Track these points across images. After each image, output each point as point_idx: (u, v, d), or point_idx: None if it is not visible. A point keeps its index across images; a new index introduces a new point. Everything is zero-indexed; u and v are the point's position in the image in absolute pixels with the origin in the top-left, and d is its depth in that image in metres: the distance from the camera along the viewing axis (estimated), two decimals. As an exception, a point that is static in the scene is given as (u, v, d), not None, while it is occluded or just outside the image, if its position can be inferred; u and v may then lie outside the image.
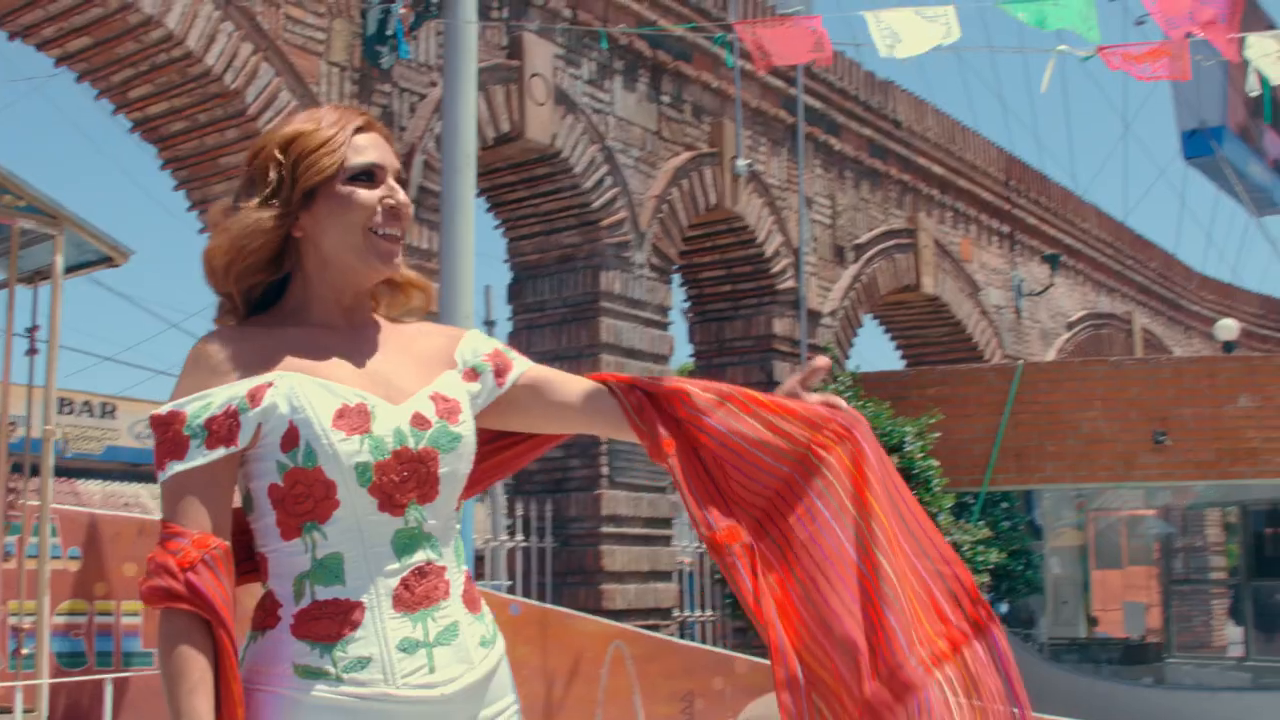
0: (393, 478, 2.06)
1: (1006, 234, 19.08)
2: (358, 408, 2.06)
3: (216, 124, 9.57)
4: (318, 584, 2.06)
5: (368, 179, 2.14)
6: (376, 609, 2.05)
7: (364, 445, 2.04)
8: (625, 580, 11.91)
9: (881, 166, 16.34)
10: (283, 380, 2.05)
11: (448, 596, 2.11)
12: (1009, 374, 13.20)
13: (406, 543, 2.08)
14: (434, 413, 2.12)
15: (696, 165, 13.24)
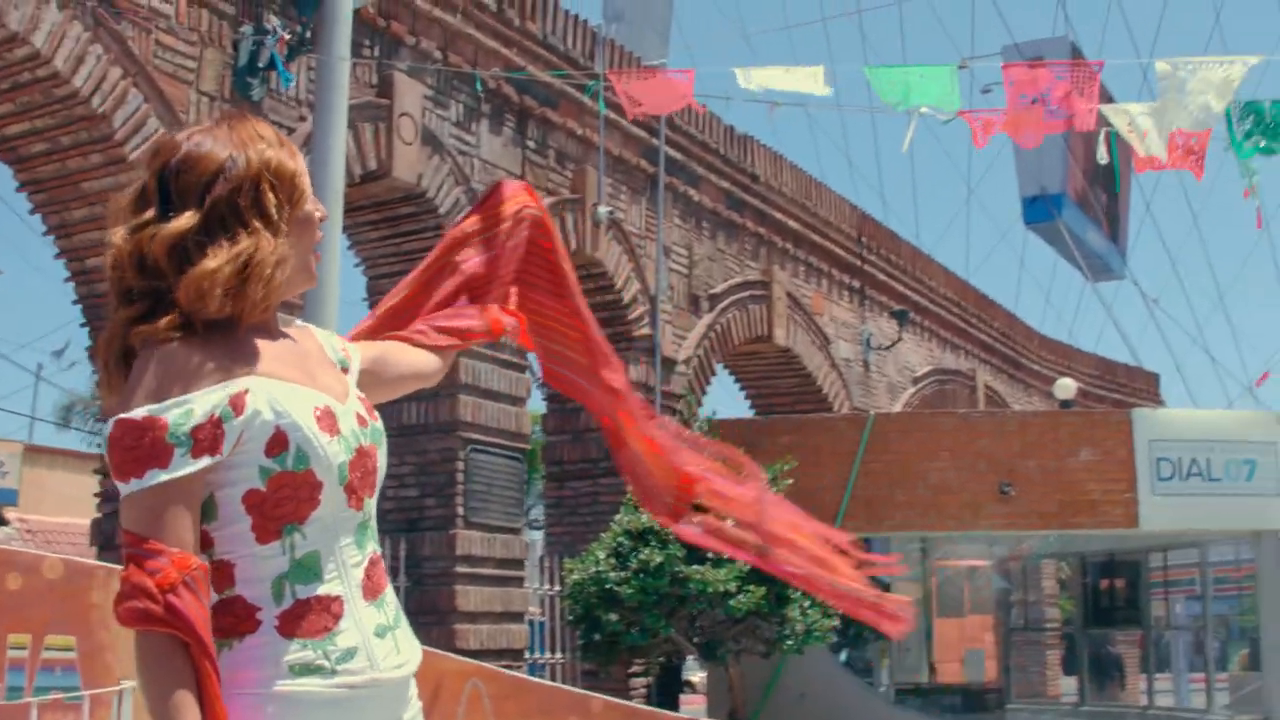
0: (357, 474, 2.13)
1: (857, 289, 19.53)
2: (326, 409, 2.11)
3: (80, 147, 9.42)
4: (298, 583, 2.08)
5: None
6: (352, 600, 2.12)
7: (340, 445, 2.10)
8: (479, 620, 11.88)
9: (738, 219, 16.63)
10: (258, 385, 2.05)
11: (389, 582, 2.23)
12: (860, 424, 13.51)
13: (362, 535, 2.16)
14: (366, 411, 2.21)
15: (559, 210, 13.36)
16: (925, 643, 17.05)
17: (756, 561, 2.77)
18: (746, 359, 18.10)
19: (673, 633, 11.36)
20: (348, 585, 2.12)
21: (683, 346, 15.35)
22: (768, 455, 12.65)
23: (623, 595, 11.04)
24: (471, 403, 12.13)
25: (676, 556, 11.02)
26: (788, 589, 11.46)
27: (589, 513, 14.27)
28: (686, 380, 15.22)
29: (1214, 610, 18.09)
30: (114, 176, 9.49)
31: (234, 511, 2.06)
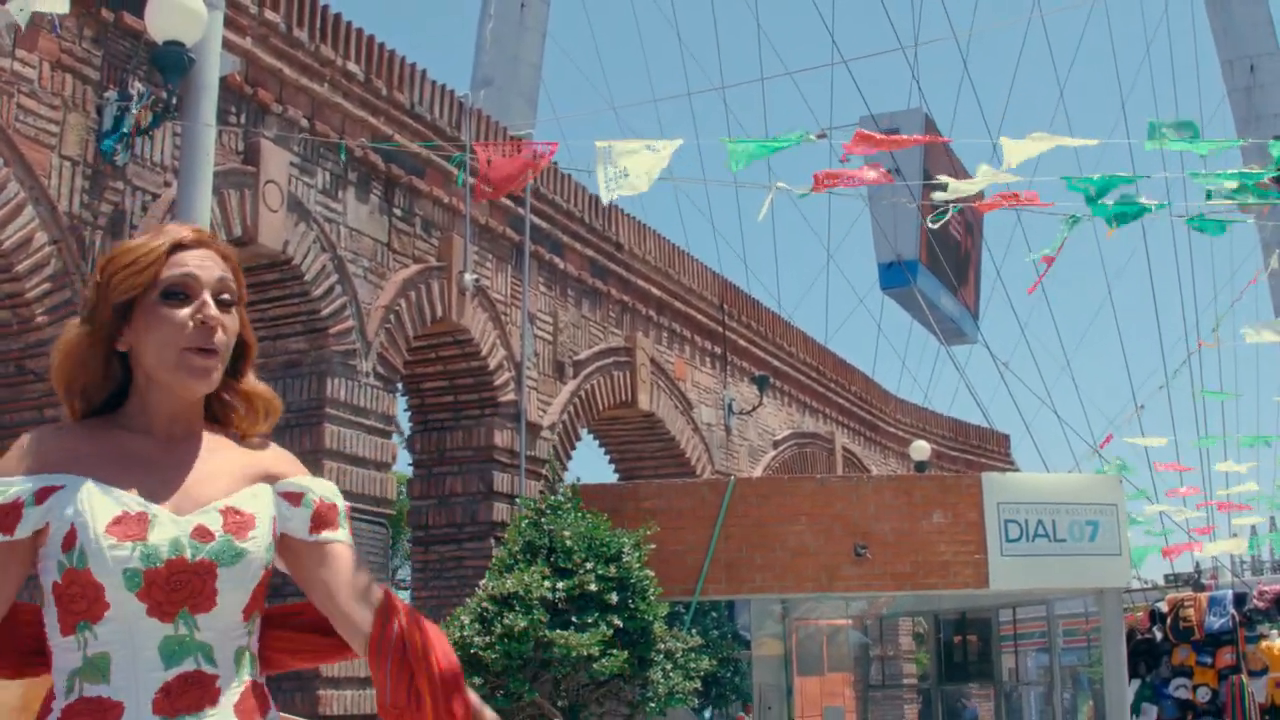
0: (163, 586, 2.11)
1: (719, 355, 19.87)
2: (138, 516, 2.12)
3: (-60, 213, 9.33)
4: (86, 681, 2.12)
5: (181, 296, 2.19)
6: (135, 711, 2.11)
7: (135, 552, 2.09)
8: (342, 686, 11.85)
9: (603, 286, 16.88)
10: (73, 484, 2.13)
11: (214, 705, 2.15)
12: (721, 489, 13.76)
13: (175, 649, 2.14)
14: (220, 526, 2.17)
15: (425, 278, 13.48)
16: (786, 700, 17.27)
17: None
18: (610, 424, 18.30)
19: (537, 697, 11.43)
20: (135, 695, 2.12)
21: (548, 412, 15.51)
22: (632, 519, 12.84)
23: (488, 660, 11.10)
24: (337, 468, 12.14)
25: (540, 621, 11.12)
26: (650, 651, 11.62)
27: (454, 576, 14.31)
28: (551, 445, 15.36)
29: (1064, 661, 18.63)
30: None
31: (49, 600, 2.15)
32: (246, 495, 2.24)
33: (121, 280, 2.20)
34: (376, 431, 12.73)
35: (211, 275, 2.23)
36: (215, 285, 2.23)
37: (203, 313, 2.18)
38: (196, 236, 2.27)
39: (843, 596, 15.05)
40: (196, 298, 2.19)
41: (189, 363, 2.19)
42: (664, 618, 12.03)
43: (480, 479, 14.51)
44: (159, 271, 2.20)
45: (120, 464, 2.18)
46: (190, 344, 2.18)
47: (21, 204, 9.51)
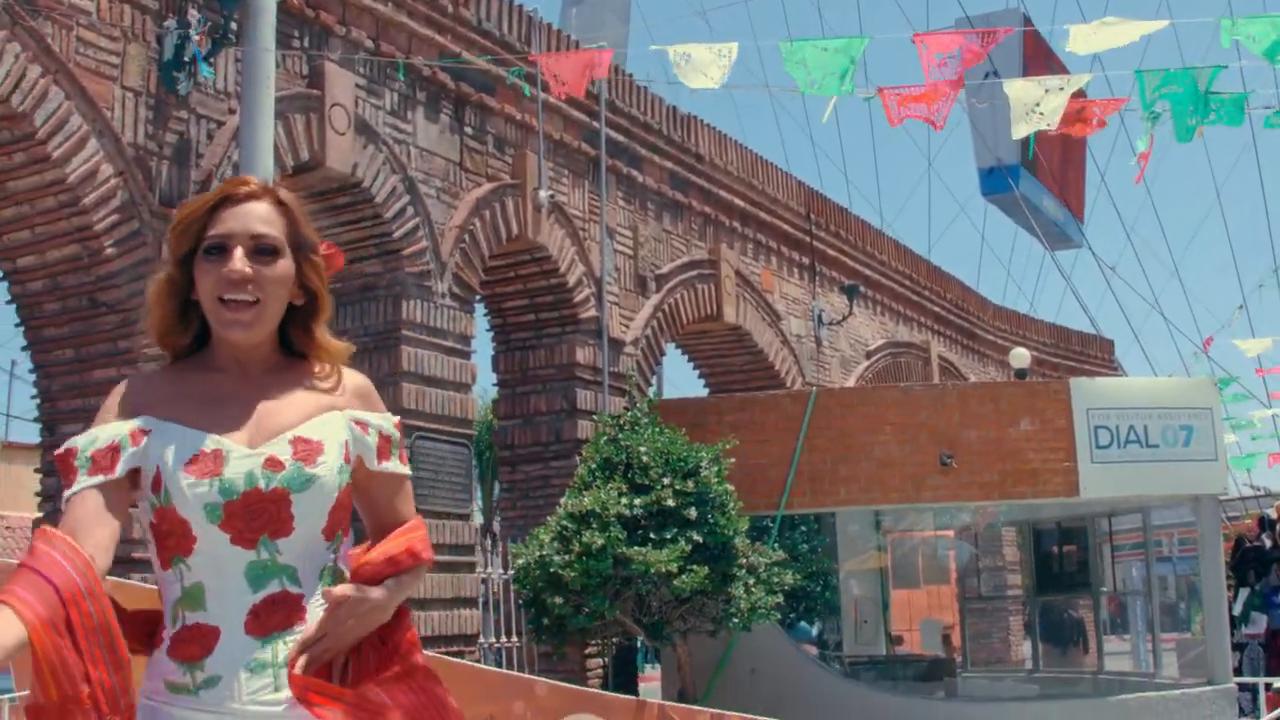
0: (242, 516, 2.31)
1: (807, 265, 19.59)
2: (213, 453, 2.33)
3: (3, 147, 9.37)
4: (186, 610, 2.34)
5: (219, 251, 2.39)
6: (230, 633, 2.32)
7: (212, 487, 2.31)
8: (429, 607, 11.92)
9: (683, 199, 16.66)
10: (159, 428, 2.35)
11: (303, 621, 2.35)
12: (804, 400, 13.56)
13: (260, 574, 2.34)
14: (290, 455, 2.36)
15: (499, 196, 13.38)
16: (882, 614, 17.17)
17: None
18: (697, 338, 18.15)
19: (618, 614, 11.41)
20: (229, 619, 2.33)
21: (630, 327, 15.39)
22: (713, 434, 12.71)
23: (567, 578, 11.09)
24: (415, 390, 12.16)
25: (618, 538, 11.07)
26: (731, 566, 11.53)
27: (540, 495, 14.32)
28: (635, 361, 15.26)
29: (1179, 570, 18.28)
30: (39, 175, 9.47)
31: (149, 539, 2.39)
32: (315, 424, 2.43)
33: (176, 239, 2.43)
34: (454, 352, 12.71)
35: (247, 229, 2.40)
36: (250, 239, 2.40)
37: (228, 266, 2.37)
38: (248, 190, 2.45)
39: (930, 506, 14.83)
40: (230, 251, 2.39)
41: (221, 315, 2.40)
42: (746, 532, 11.92)
43: (564, 397, 14.46)
44: (204, 229, 2.41)
45: (201, 403, 2.40)
46: (223, 294, 2.38)
47: (85, 137, 9.53)
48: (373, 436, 2.51)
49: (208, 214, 2.42)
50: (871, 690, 13.58)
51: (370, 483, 2.54)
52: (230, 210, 2.42)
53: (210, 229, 2.41)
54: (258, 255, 2.40)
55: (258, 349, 2.47)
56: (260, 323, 2.43)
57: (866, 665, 15.31)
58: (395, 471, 2.58)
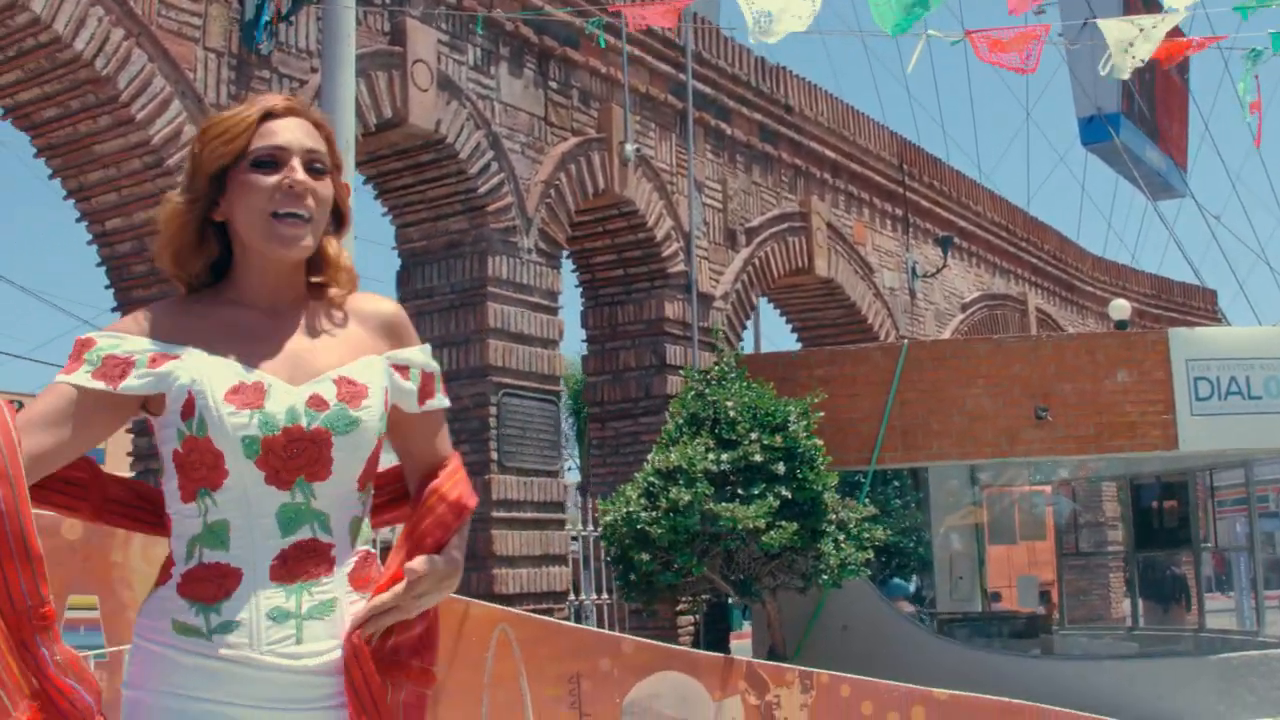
0: (280, 454, 2.15)
1: (900, 217, 19.30)
2: (254, 385, 2.17)
3: (89, 110, 9.45)
4: (205, 547, 2.17)
5: (270, 164, 2.21)
6: (253, 577, 2.16)
7: (253, 420, 2.14)
8: (517, 564, 11.94)
9: (773, 151, 16.46)
10: (188, 354, 2.18)
11: (330, 573, 2.20)
12: (894, 353, 13.36)
13: (292, 517, 2.18)
14: (334, 395, 2.21)
15: (584, 150, 13.28)
16: (978, 571, 16.95)
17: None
18: (788, 292, 17.97)
19: (706, 571, 11.34)
20: (253, 562, 2.17)
21: (720, 282, 15.25)
22: (803, 388, 12.57)
23: (654, 535, 11.03)
24: (502, 347, 12.14)
25: (705, 495, 10.98)
26: (820, 522, 11.41)
27: (630, 452, 14.26)
28: (725, 315, 15.13)
29: (1277, 528, 17.85)
30: (124, 138, 9.53)
31: (169, 468, 2.21)
32: (360, 365, 2.27)
33: (214, 149, 2.23)
34: (541, 308, 12.66)
35: (301, 143, 2.25)
36: (304, 153, 2.25)
37: (290, 177, 2.21)
38: (287, 105, 2.29)
39: (1024, 461, 14.55)
40: (285, 165, 2.22)
41: (277, 231, 2.21)
42: (836, 488, 11.78)
43: (652, 352, 14.38)
44: (250, 140, 2.22)
45: (230, 336, 2.23)
46: (279, 208, 2.21)
47: (168, 98, 9.56)
48: (414, 379, 2.34)
49: (254, 125, 2.24)
50: (965, 648, 13.40)
51: (409, 424, 2.35)
52: (279, 122, 2.26)
53: (255, 141, 2.23)
54: (310, 172, 2.25)
55: (291, 277, 2.30)
56: (310, 240, 2.26)
57: (960, 622, 15.12)
58: (438, 408, 2.38)
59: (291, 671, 2.15)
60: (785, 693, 10.53)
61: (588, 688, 9.77)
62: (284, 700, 2.15)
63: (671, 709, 10.17)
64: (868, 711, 10.55)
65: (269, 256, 2.25)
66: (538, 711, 9.57)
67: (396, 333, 2.37)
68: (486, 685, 9.73)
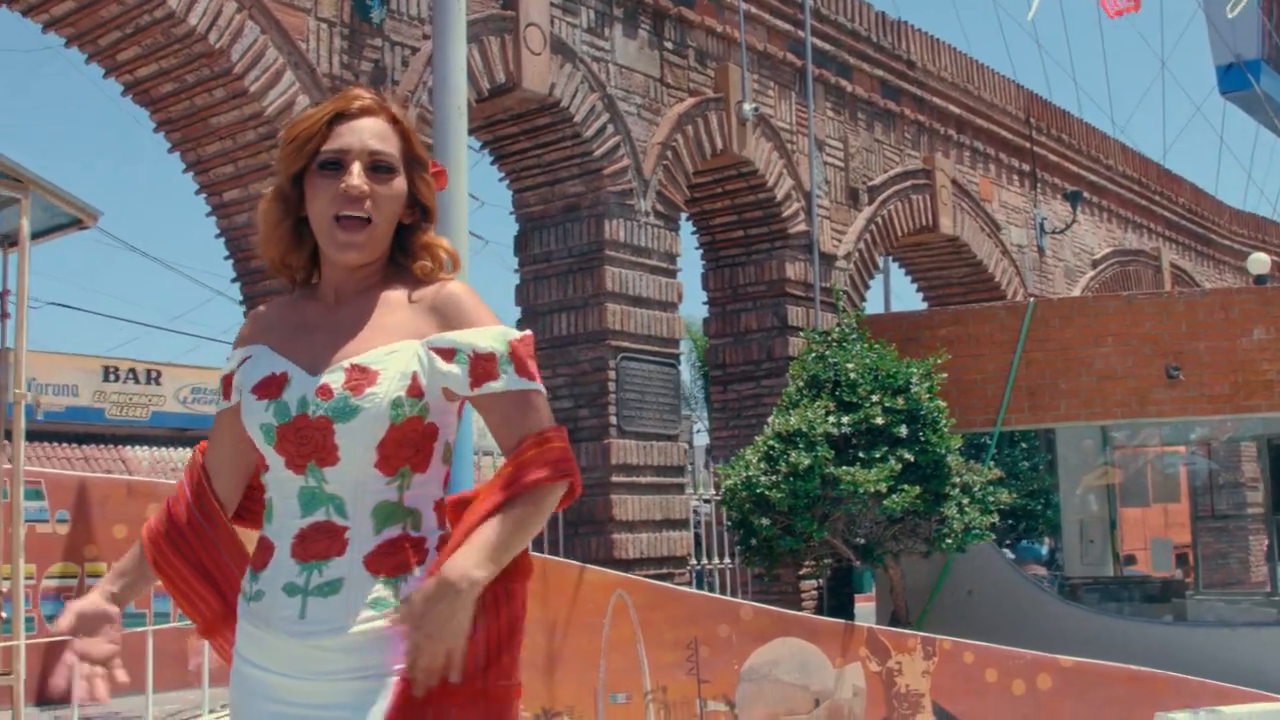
0: (292, 440, 2.30)
1: (1027, 172, 18.85)
2: (279, 376, 2.34)
3: (204, 84, 9.53)
4: (265, 521, 2.39)
5: (335, 166, 2.32)
6: (280, 552, 2.32)
7: (269, 410, 2.31)
8: (636, 529, 11.90)
9: (895, 107, 16.15)
10: (256, 353, 2.40)
11: (342, 555, 2.28)
12: (1020, 312, 13.05)
13: (308, 500, 2.31)
14: (341, 384, 2.28)
15: (701, 111, 13.13)
16: (1110, 534, 16.55)
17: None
18: (913, 251, 17.67)
19: (827, 536, 11.21)
20: (282, 539, 2.33)
21: (842, 241, 15.02)
22: (926, 349, 12.35)
23: (774, 499, 10.92)
24: (620, 310, 12.08)
25: (825, 458, 10.84)
26: (944, 485, 11.21)
27: (752, 415, 14.13)
28: (847, 275, 14.91)
29: None
30: (238, 110, 9.61)
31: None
32: (380, 353, 2.31)
33: (289, 154, 2.36)
34: (660, 271, 12.57)
35: (364, 145, 2.32)
36: (368, 155, 2.32)
37: (347, 182, 2.30)
38: (361, 105, 2.36)
39: (1155, 422, 14.15)
40: (347, 167, 2.31)
41: (334, 235, 2.33)
42: (959, 450, 11.56)
43: (774, 314, 14.22)
44: (319, 144, 2.33)
45: (292, 330, 2.40)
46: (339, 210, 2.31)
47: (281, 70, 9.61)
48: (460, 363, 2.31)
49: (323, 129, 2.34)
50: (1095, 613, 13.10)
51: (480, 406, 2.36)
52: (346, 125, 2.34)
53: (326, 144, 2.33)
54: (374, 172, 2.33)
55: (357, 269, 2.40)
56: (372, 243, 2.35)
57: (1091, 587, 14.79)
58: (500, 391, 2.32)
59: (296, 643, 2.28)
60: (907, 659, 10.43)
61: (705, 654, 9.74)
62: (302, 670, 2.28)
63: (791, 676, 10.10)
64: (991, 679, 10.40)
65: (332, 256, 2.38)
66: (655, 677, 9.57)
67: (444, 314, 2.37)
68: (603, 650, 9.75)
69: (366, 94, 2.39)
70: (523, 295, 12.52)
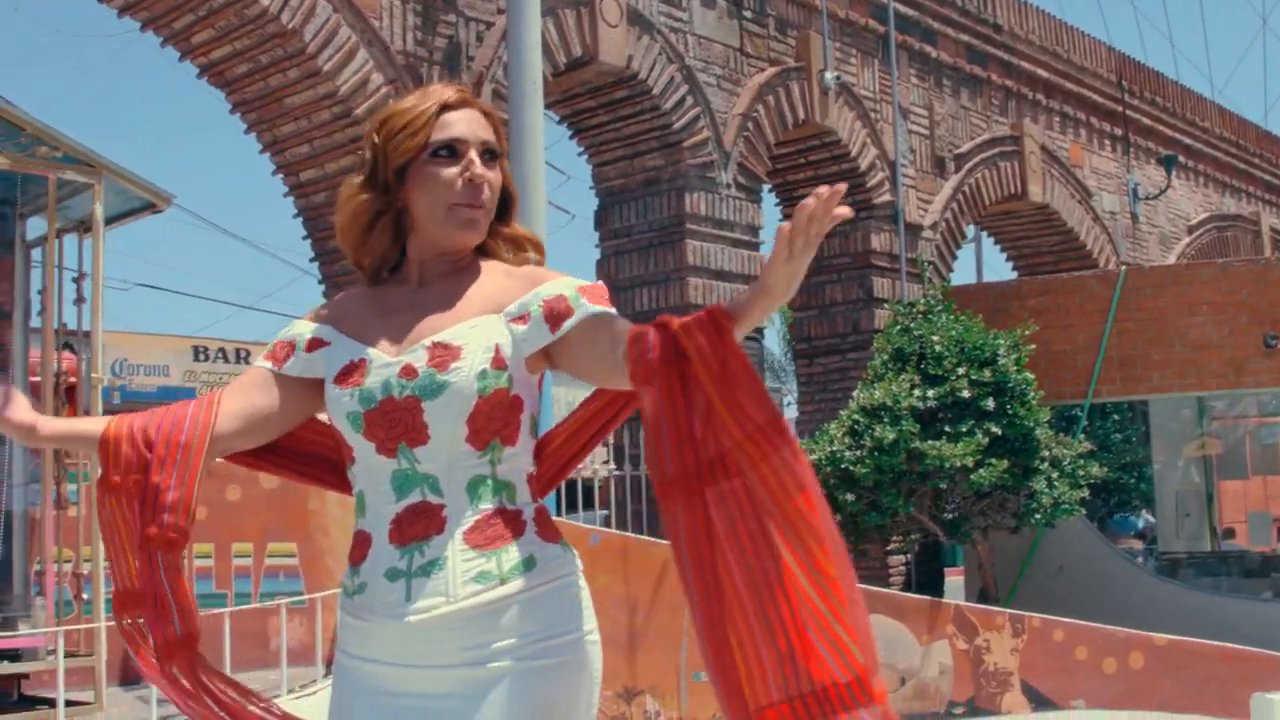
0: (380, 425, 2.29)
1: (1119, 136, 18.42)
2: (359, 364, 2.33)
3: (278, 64, 9.53)
4: (358, 515, 2.39)
5: (450, 154, 2.34)
6: (378, 541, 2.32)
7: (354, 397, 2.31)
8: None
9: (982, 73, 15.83)
10: (336, 341, 2.39)
11: (441, 533, 2.27)
12: (1111, 280, 12.73)
13: (402, 482, 2.30)
14: (425, 362, 2.28)
15: (782, 80, 12.94)
16: (1206, 507, 16.15)
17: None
18: (1001, 219, 17.34)
19: (913, 511, 11.02)
20: (378, 527, 2.32)
21: (928, 211, 14.77)
22: (1015, 320, 12.09)
23: (858, 474, 10.74)
24: (702, 285, 11.96)
25: (911, 432, 10.64)
26: (1033, 459, 10.97)
27: (838, 388, 13.96)
28: (934, 246, 14.65)
29: None
30: (313, 89, 9.59)
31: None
32: (461, 329, 2.32)
33: (398, 144, 2.35)
34: (742, 244, 12.42)
35: (477, 135, 2.37)
36: (480, 144, 2.37)
37: (470, 171, 2.34)
38: (460, 96, 2.40)
39: (1253, 392, 13.76)
40: (464, 156, 2.34)
41: (458, 215, 2.34)
42: (1048, 423, 11.31)
43: (859, 285, 14.02)
44: (430, 133, 2.34)
45: (374, 316, 2.40)
46: (459, 200, 2.34)
47: (354, 48, 9.57)
48: (534, 317, 2.31)
49: (434, 118, 2.36)
50: (1190, 590, 12.78)
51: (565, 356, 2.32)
52: (455, 114, 2.37)
53: (435, 134, 2.35)
54: (485, 161, 2.38)
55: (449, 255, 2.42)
56: (485, 225, 2.41)
57: (1187, 562, 14.45)
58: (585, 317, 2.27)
59: (400, 626, 2.25)
60: (995, 637, 10.22)
61: (791, 632, 9.63)
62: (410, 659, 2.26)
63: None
64: (1082, 656, 10.16)
65: (444, 242, 2.38)
66: (738, 657, 9.48)
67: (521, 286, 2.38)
68: (686, 630, 9.66)
69: (457, 87, 2.42)
70: (603, 270, 12.43)
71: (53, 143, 7.17)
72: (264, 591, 8.91)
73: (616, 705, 9.35)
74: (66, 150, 7.18)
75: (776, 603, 1.98)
